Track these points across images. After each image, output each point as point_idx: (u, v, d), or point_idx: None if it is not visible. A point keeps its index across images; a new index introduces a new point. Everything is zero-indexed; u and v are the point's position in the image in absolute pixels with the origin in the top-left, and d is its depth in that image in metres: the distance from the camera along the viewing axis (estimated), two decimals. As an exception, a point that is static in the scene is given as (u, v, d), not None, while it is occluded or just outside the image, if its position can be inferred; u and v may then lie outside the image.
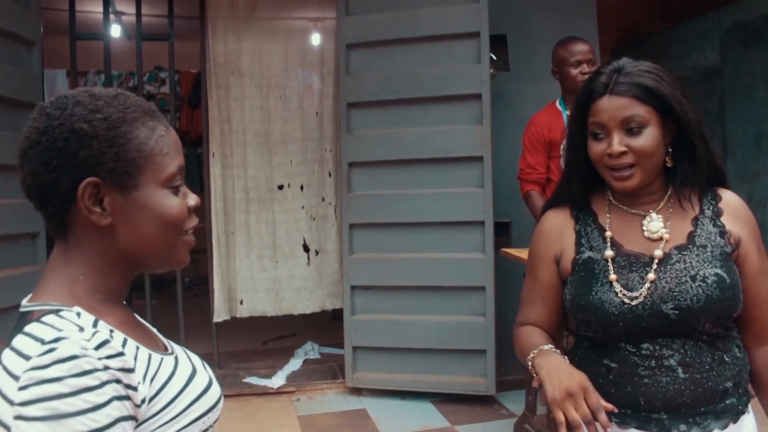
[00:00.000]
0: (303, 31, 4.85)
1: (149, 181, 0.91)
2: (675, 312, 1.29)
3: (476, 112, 3.75)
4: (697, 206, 1.40)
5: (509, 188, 3.76)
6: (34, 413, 0.75)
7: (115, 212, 0.90)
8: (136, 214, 0.91)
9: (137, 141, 0.90)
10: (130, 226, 0.91)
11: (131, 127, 0.90)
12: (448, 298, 3.82)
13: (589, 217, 1.45)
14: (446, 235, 3.83)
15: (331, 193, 4.71)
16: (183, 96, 6.62)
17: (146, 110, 0.94)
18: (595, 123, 1.35)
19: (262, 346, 5.08)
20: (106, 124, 0.88)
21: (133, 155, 0.90)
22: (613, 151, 1.32)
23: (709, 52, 5.31)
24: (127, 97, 0.94)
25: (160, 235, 0.93)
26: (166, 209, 0.92)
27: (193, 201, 0.98)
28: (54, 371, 0.76)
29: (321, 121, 4.71)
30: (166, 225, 0.93)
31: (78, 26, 4.39)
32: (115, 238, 0.91)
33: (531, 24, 4.29)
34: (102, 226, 0.90)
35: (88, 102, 0.89)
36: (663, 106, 1.32)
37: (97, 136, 0.87)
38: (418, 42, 3.83)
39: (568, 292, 1.41)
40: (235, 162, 4.49)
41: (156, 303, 4.58)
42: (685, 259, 1.33)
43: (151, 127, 0.92)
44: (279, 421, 3.71)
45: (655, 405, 1.30)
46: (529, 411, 3.28)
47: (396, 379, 3.93)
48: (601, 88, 1.34)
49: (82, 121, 0.87)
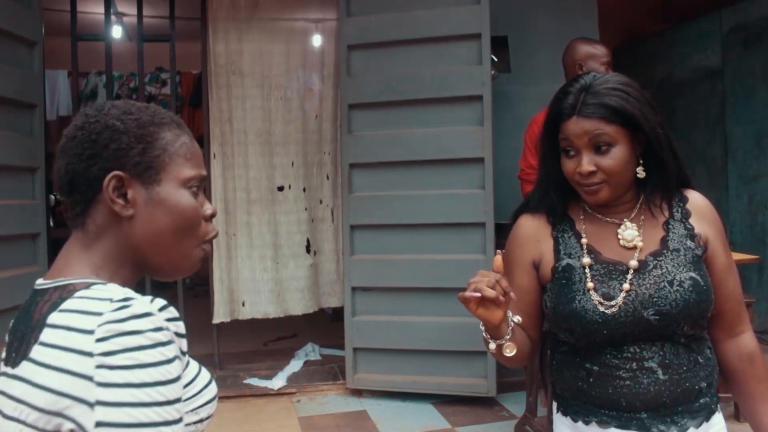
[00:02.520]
0: (304, 32, 4.86)
1: (171, 179, 0.97)
2: (656, 318, 1.33)
3: (477, 113, 3.74)
4: (667, 210, 1.44)
5: (510, 189, 3.76)
6: (119, 362, 0.79)
7: (137, 204, 0.95)
8: (156, 208, 0.96)
9: (163, 141, 0.97)
10: (149, 220, 0.96)
11: (159, 129, 0.97)
12: (449, 299, 3.81)
13: (566, 223, 1.47)
14: (447, 236, 3.82)
15: (328, 196, 4.72)
16: (184, 96, 6.63)
17: (174, 120, 1.02)
18: (566, 141, 1.38)
19: (262, 347, 5.08)
20: (137, 123, 0.96)
21: (158, 152, 0.96)
22: (582, 171, 1.36)
23: (709, 53, 5.31)
24: (159, 109, 1.01)
25: (176, 232, 0.97)
26: (184, 207, 0.97)
27: (210, 210, 1.02)
28: (133, 324, 0.81)
29: (320, 123, 4.72)
30: (182, 222, 0.97)
31: (79, 27, 4.40)
32: (132, 230, 0.96)
33: (532, 25, 4.29)
34: (123, 217, 0.94)
35: (123, 105, 0.98)
36: (631, 123, 1.35)
37: (127, 132, 0.94)
38: (419, 43, 3.83)
39: (548, 300, 1.44)
40: (237, 162, 4.49)
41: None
42: (661, 264, 1.37)
43: (177, 134, 1.00)
44: (279, 423, 3.71)
45: (636, 405, 1.34)
46: (529, 412, 3.28)
47: (396, 381, 3.93)
48: (569, 109, 1.37)
49: (116, 119, 0.95)
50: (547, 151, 1.46)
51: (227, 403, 3.97)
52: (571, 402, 1.44)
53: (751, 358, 1.43)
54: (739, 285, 1.47)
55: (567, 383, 1.44)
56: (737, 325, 1.45)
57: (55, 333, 0.84)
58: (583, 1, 4.37)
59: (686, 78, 5.58)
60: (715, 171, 5.31)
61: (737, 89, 5.09)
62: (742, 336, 1.45)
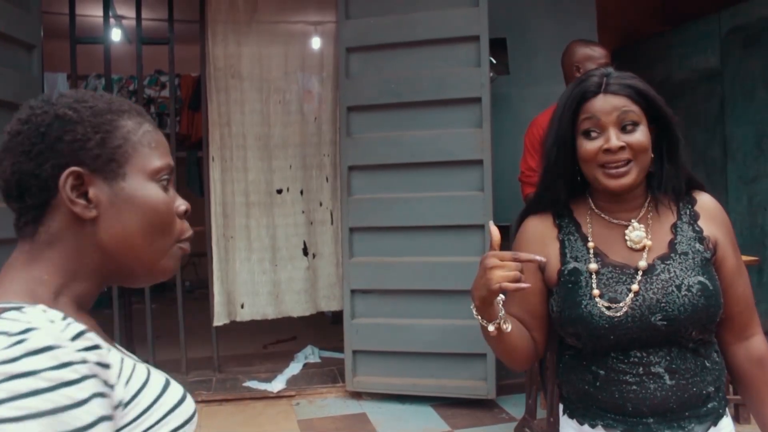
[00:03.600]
0: (303, 34, 4.86)
1: (137, 172, 0.85)
2: (664, 323, 1.31)
3: (476, 115, 3.74)
4: (675, 211, 1.42)
5: (509, 191, 3.76)
6: (7, 414, 0.64)
7: (101, 204, 0.83)
8: (122, 206, 0.84)
9: (124, 130, 0.86)
10: (116, 220, 0.84)
11: (118, 116, 0.86)
12: (449, 301, 3.82)
13: (572, 226, 1.45)
14: (446, 238, 3.82)
15: (327, 198, 4.72)
16: (183, 99, 6.63)
17: (134, 108, 0.90)
18: (590, 120, 1.35)
19: (262, 350, 5.08)
20: (92, 111, 0.84)
21: (120, 142, 0.85)
22: (612, 146, 1.32)
23: (709, 55, 5.31)
24: (115, 96, 0.91)
25: (148, 230, 0.86)
26: (154, 202, 0.86)
27: (184, 206, 0.91)
28: (26, 364, 0.66)
29: (319, 125, 4.72)
30: (154, 218, 0.86)
31: (78, 30, 4.40)
32: (98, 234, 0.84)
33: (530, 27, 4.29)
34: (86, 219, 0.83)
35: (74, 94, 0.87)
36: (650, 109, 1.36)
37: (82, 121, 0.83)
38: (418, 45, 3.83)
39: (555, 304, 1.42)
40: (235, 166, 4.49)
41: (156, 307, 4.57)
42: (669, 268, 1.35)
43: (139, 122, 0.88)
44: (279, 425, 3.71)
45: (643, 410, 1.33)
46: (529, 415, 3.28)
47: (396, 383, 3.92)
48: (595, 87, 1.36)
49: (67, 108, 0.83)
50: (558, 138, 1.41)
51: (226, 406, 3.97)
52: (577, 405, 1.43)
53: (761, 361, 1.41)
54: (749, 287, 1.45)
55: (573, 386, 1.42)
56: (747, 328, 1.43)
57: None
58: (581, 3, 4.37)
59: (685, 79, 5.58)
60: (715, 172, 5.31)
61: (737, 90, 5.09)
62: (752, 339, 1.43)
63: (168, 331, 4.72)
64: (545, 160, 1.46)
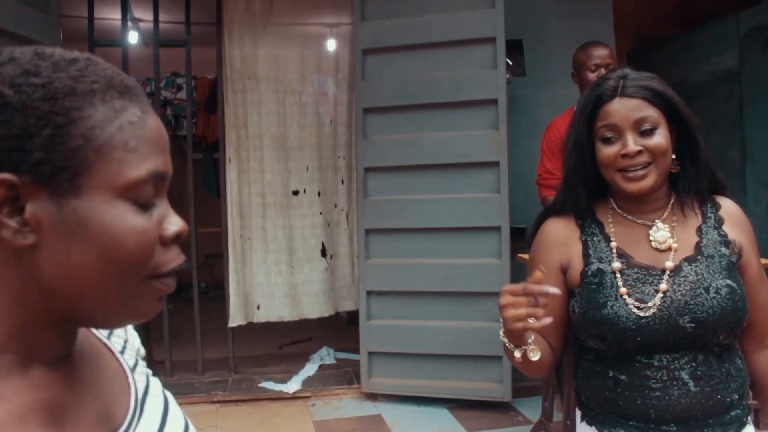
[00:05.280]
0: (318, 36, 4.88)
1: (99, 186, 0.59)
2: (692, 325, 1.29)
3: (492, 117, 3.74)
4: (699, 214, 1.40)
5: (525, 193, 3.75)
6: None
7: (42, 228, 0.58)
8: (72, 234, 0.59)
9: (88, 123, 0.59)
10: (63, 254, 0.59)
11: (82, 102, 0.59)
12: (464, 303, 3.81)
13: (595, 226, 1.43)
14: (462, 240, 3.82)
15: (343, 200, 4.74)
16: (199, 101, 6.66)
17: (115, 84, 0.63)
18: (607, 125, 1.34)
19: (277, 351, 5.09)
20: (43, 92, 0.58)
21: (77, 143, 0.58)
22: (629, 151, 1.31)
23: (727, 56, 5.26)
24: (93, 64, 0.63)
25: (106, 274, 0.60)
26: (118, 235, 0.60)
27: (175, 227, 0.65)
28: None
29: (335, 127, 4.74)
30: (115, 254, 0.60)
31: (96, 33, 4.44)
32: (38, 269, 0.60)
33: (547, 29, 4.28)
34: (18, 248, 0.58)
35: (28, 59, 0.60)
36: (669, 110, 1.34)
37: (24, 108, 0.57)
38: (434, 47, 3.83)
39: (576, 305, 1.39)
40: (252, 167, 4.51)
41: (172, 308, 4.60)
42: (696, 270, 1.33)
43: (117, 109, 0.61)
44: (294, 426, 3.71)
45: (666, 417, 1.30)
46: (545, 417, 3.26)
47: (412, 385, 3.92)
48: (611, 90, 1.35)
49: (8, 85, 0.58)
50: (577, 143, 1.41)
51: (242, 407, 3.98)
52: (596, 411, 1.40)
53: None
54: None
55: (593, 392, 1.40)
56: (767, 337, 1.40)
57: None
58: (598, 5, 4.36)
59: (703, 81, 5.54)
60: (733, 175, 5.26)
61: (755, 92, 5.04)
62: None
63: (184, 332, 4.75)
64: (565, 165, 1.46)
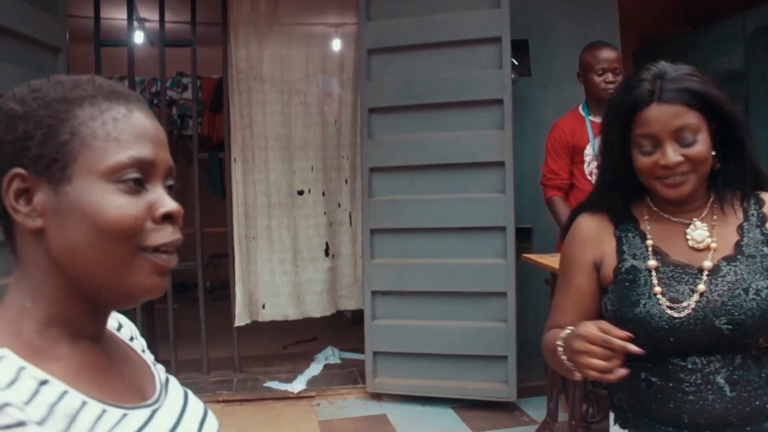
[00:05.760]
0: (323, 36, 4.88)
1: (85, 173, 0.71)
2: (729, 327, 1.23)
3: (498, 117, 3.73)
4: (740, 212, 1.34)
5: (531, 193, 3.74)
6: None
7: (47, 213, 0.71)
8: (68, 215, 0.71)
9: (74, 121, 0.72)
10: (62, 232, 0.71)
11: (70, 106, 0.72)
12: (469, 303, 3.81)
13: (630, 222, 1.38)
14: (467, 240, 3.82)
15: (346, 200, 4.75)
16: (205, 101, 6.67)
17: (104, 91, 0.75)
18: (644, 135, 1.26)
19: (282, 351, 5.10)
20: (39, 103, 0.72)
21: (65, 138, 0.71)
22: (669, 163, 1.25)
23: (733, 56, 5.25)
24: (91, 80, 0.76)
25: (96, 247, 0.71)
26: (101, 209, 0.71)
27: (165, 208, 0.74)
28: None
29: (339, 128, 4.75)
30: (101, 232, 0.71)
31: (102, 33, 4.45)
32: (50, 248, 0.72)
33: (552, 29, 4.28)
34: (30, 230, 0.72)
35: (36, 84, 0.75)
36: (710, 109, 1.26)
37: (25, 117, 0.71)
38: (439, 47, 3.83)
39: (609, 303, 1.35)
40: (257, 167, 4.52)
41: (177, 307, 4.61)
42: (736, 270, 1.27)
43: (102, 109, 0.74)
44: (299, 426, 3.72)
45: (700, 423, 1.24)
46: (550, 418, 3.26)
47: (416, 385, 3.92)
48: (647, 95, 1.25)
49: (17, 102, 0.72)
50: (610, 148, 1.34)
51: (247, 407, 3.99)
52: (629, 414, 1.35)
53: None
54: None
55: (625, 394, 1.35)
56: None
57: None
58: (603, 5, 4.35)
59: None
60: (739, 175, 5.24)
61: (761, 92, 5.02)
62: None
63: (189, 331, 4.75)
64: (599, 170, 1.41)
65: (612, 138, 1.33)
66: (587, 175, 3.30)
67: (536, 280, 3.60)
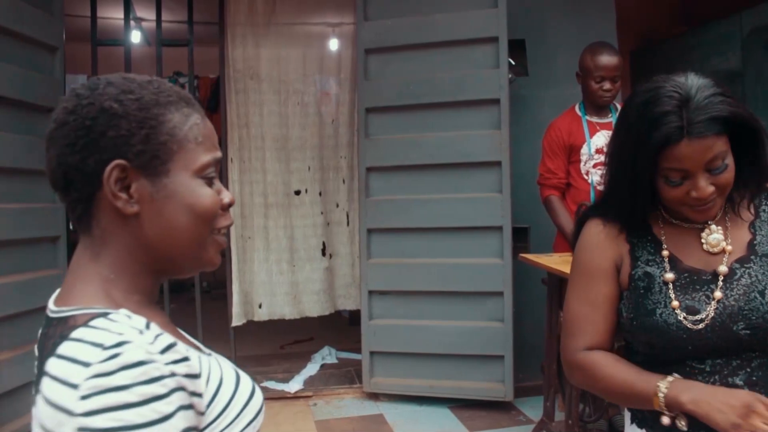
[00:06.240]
0: (321, 36, 4.88)
1: (181, 169, 0.85)
2: (747, 332, 1.22)
3: (495, 116, 3.73)
4: (752, 209, 1.32)
5: (528, 193, 3.75)
6: (102, 424, 0.69)
7: (143, 200, 0.83)
8: (165, 203, 0.84)
9: (170, 125, 0.84)
10: (159, 217, 0.84)
11: (164, 110, 0.85)
12: (466, 303, 3.81)
13: (643, 227, 1.35)
14: (464, 240, 3.81)
15: (344, 199, 4.75)
16: (202, 101, 6.67)
17: (182, 97, 0.88)
18: (675, 170, 1.22)
19: (279, 351, 5.09)
20: (138, 105, 0.83)
21: (165, 138, 0.84)
22: (704, 195, 1.22)
23: (730, 56, 5.25)
24: (162, 83, 0.88)
25: (191, 228, 0.86)
26: (198, 199, 0.86)
27: (228, 198, 0.91)
28: (121, 378, 0.70)
29: (336, 127, 4.75)
30: (197, 216, 0.86)
31: (99, 32, 4.45)
32: (142, 230, 0.84)
33: (550, 28, 4.28)
34: (128, 215, 0.83)
35: (120, 83, 0.85)
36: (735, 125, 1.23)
37: (127, 116, 0.82)
38: (436, 47, 3.83)
39: (624, 309, 1.32)
40: (254, 167, 4.52)
41: (174, 306, 4.60)
42: (750, 272, 1.26)
43: (186, 114, 0.87)
44: (296, 426, 3.71)
45: None
46: (547, 417, 3.26)
47: (413, 385, 3.92)
48: (677, 133, 1.19)
49: (113, 100, 0.82)
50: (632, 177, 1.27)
51: (244, 406, 3.98)
52: (646, 415, 1.33)
53: None
54: None
55: None
56: None
57: (49, 384, 0.74)
58: (600, 4, 4.35)
59: (706, 81, 5.52)
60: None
61: (758, 92, 5.02)
62: None
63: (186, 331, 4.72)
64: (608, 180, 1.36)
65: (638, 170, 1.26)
66: (584, 174, 3.30)
67: (533, 279, 3.60)
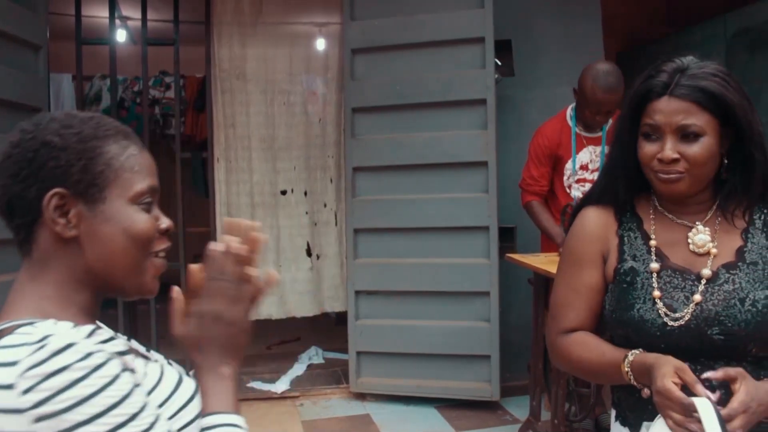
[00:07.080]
0: (308, 36, 4.87)
1: (117, 196, 0.91)
2: (721, 337, 1.22)
3: (481, 117, 3.74)
4: (747, 217, 1.31)
5: (514, 193, 3.75)
6: (56, 407, 0.73)
7: (81, 224, 0.89)
8: (102, 226, 0.90)
9: (107, 156, 0.91)
10: (97, 239, 0.90)
11: (102, 142, 0.91)
12: (453, 303, 3.82)
13: (634, 222, 1.36)
14: (451, 240, 3.82)
15: (332, 199, 4.73)
16: (188, 100, 6.62)
17: (120, 131, 0.95)
18: (649, 125, 1.26)
19: (266, 351, 5.08)
20: (78, 138, 0.89)
21: (102, 168, 0.90)
22: (665, 157, 1.24)
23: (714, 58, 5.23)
24: (103, 119, 0.95)
25: (126, 250, 0.91)
26: (132, 223, 0.91)
27: (165, 224, 0.96)
28: (55, 363, 0.74)
29: (324, 127, 4.73)
30: (131, 239, 0.91)
31: (84, 31, 4.41)
32: (81, 252, 0.90)
33: (536, 29, 4.29)
34: (66, 238, 0.89)
35: (62, 119, 0.92)
36: (725, 113, 1.24)
37: (66, 149, 0.88)
38: (423, 47, 3.84)
39: (607, 302, 1.34)
40: (240, 167, 4.50)
41: (160, 307, 4.56)
42: (734, 279, 1.25)
43: (124, 146, 0.93)
44: (283, 426, 3.71)
45: None
46: (533, 417, 3.27)
47: (400, 385, 3.92)
48: (661, 88, 1.24)
49: (54, 135, 0.89)
50: (622, 133, 1.33)
51: (230, 407, 3.96)
52: (628, 413, 1.34)
53: None
54: None
55: (623, 393, 1.34)
56: None
57: None
58: (586, 6, 4.37)
59: (690, 82, 5.56)
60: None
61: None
62: None
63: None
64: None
65: (623, 124, 1.32)
66: (566, 187, 3.30)
67: (519, 279, 3.62)
